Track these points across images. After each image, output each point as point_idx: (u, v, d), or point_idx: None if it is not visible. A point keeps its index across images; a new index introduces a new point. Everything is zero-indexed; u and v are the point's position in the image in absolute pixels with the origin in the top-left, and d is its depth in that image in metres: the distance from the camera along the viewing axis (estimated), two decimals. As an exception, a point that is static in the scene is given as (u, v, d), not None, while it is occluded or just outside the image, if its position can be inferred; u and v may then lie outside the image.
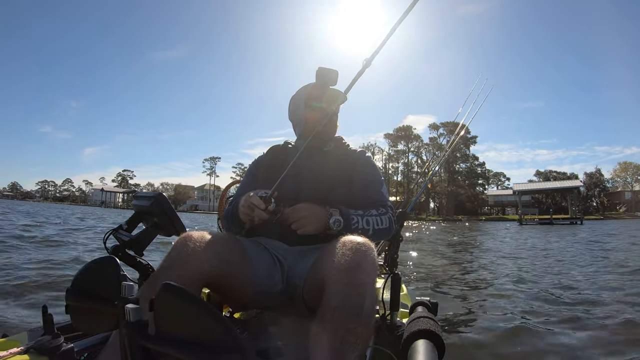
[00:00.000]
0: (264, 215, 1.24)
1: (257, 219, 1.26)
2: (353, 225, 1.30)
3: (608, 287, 4.13)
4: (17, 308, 2.73)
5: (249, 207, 1.27)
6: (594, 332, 2.57)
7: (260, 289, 1.25)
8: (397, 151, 66.39)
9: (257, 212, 1.24)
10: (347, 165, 1.51)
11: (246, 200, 1.28)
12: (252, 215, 1.26)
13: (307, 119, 1.53)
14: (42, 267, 4.28)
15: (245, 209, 1.28)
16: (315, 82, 1.43)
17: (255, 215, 1.25)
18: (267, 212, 1.24)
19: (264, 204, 1.23)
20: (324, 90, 1.50)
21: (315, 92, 1.52)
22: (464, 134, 2.88)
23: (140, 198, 1.39)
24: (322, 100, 1.51)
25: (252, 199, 1.25)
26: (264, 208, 1.23)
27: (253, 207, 1.24)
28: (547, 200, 59.96)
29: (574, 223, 34.31)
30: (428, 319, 1.06)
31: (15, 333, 1.14)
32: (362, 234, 1.23)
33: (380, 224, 1.37)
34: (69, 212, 23.19)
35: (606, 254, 7.63)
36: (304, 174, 1.45)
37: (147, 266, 1.34)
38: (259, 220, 1.27)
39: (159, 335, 0.73)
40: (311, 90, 1.54)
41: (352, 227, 1.29)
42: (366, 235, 1.27)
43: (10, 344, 1.01)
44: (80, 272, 1.05)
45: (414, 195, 2.43)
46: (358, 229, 1.30)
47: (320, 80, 1.42)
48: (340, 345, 0.93)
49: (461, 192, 60.42)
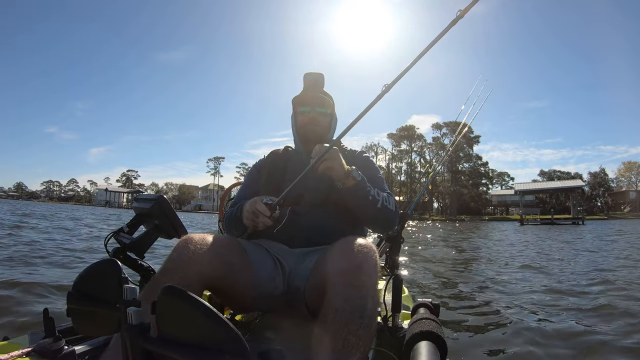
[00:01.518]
0: (269, 222, 1.26)
1: (261, 225, 1.28)
2: (368, 187, 1.33)
3: (605, 292, 4.10)
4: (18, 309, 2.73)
5: (253, 214, 1.28)
6: (594, 332, 2.55)
7: (262, 291, 1.25)
8: (400, 151, 66.36)
9: (261, 218, 1.25)
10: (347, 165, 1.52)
11: (251, 206, 1.29)
12: (256, 222, 1.28)
13: (298, 124, 1.58)
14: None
15: (249, 215, 1.30)
16: (303, 88, 1.51)
17: (260, 222, 1.27)
18: (271, 219, 1.25)
19: (269, 211, 1.25)
20: (310, 94, 1.54)
21: (302, 97, 1.56)
22: (467, 134, 2.89)
23: (141, 200, 1.39)
24: (308, 105, 1.54)
25: (258, 206, 1.26)
26: (269, 215, 1.25)
27: (258, 213, 1.26)
28: (551, 200, 59.69)
29: (576, 223, 34.17)
30: (430, 321, 1.06)
31: (16, 336, 1.14)
32: (372, 202, 1.30)
33: (388, 203, 1.39)
34: (81, 214, 22.72)
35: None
36: (306, 177, 1.45)
37: (148, 269, 1.34)
38: (262, 227, 1.28)
39: (161, 338, 0.72)
40: (299, 95, 1.57)
41: (367, 189, 1.32)
42: (374, 204, 1.33)
43: (12, 346, 1.02)
44: (81, 274, 1.05)
45: (417, 195, 2.42)
46: (371, 193, 1.33)
47: (306, 85, 1.52)
48: (342, 347, 0.93)
49: (464, 192, 60.28)
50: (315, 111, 1.53)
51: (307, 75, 1.54)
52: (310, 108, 1.54)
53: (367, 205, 1.34)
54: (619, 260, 6.63)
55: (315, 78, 1.53)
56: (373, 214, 1.36)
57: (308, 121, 1.53)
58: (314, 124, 1.52)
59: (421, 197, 2.40)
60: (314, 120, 1.52)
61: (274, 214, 1.25)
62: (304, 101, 1.55)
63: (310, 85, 1.54)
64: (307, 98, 1.54)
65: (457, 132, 2.82)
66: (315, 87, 1.54)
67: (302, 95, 1.55)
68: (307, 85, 1.54)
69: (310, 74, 1.54)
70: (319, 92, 1.54)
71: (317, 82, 1.53)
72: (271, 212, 1.25)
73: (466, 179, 62.06)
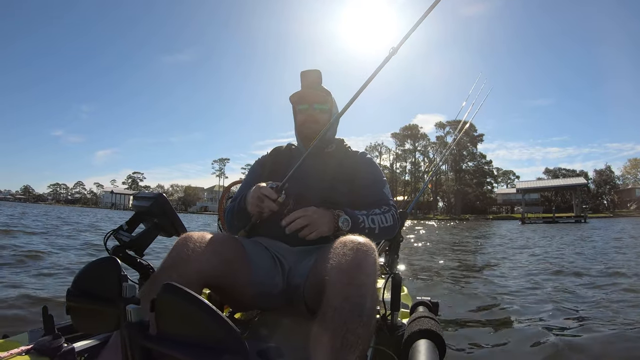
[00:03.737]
0: (274, 206, 1.25)
1: (267, 210, 1.27)
2: (360, 225, 1.30)
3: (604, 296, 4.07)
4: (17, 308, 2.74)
5: (258, 198, 1.28)
6: (594, 332, 2.53)
7: (261, 290, 1.25)
8: (404, 150, 66.20)
9: (267, 202, 1.25)
10: (348, 165, 1.54)
11: (256, 191, 1.29)
12: (262, 207, 1.27)
13: (297, 122, 1.59)
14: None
15: (254, 200, 1.29)
16: (301, 85, 1.53)
17: (265, 206, 1.26)
18: (277, 203, 1.25)
19: (275, 194, 1.24)
20: (307, 92, 1.54)
21: (299, 94, 1.56)
22: (469, 133, 2.90)
23: (140, 199, 1.39)
24: (307, 102, 1.54)
25: (263, 190, 1.26)
26: (275, 199, 1.24)
27: (263, 197, 1.26)
28: (556, 199, 59.33)
29: (579, 221, 33.93)
30: (429, 319, 1.06)
31: (15, 334, 1.15)
32: (369, 233, 1.24)
33: (385, 222, 1.37)
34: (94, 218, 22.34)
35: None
36: (305, 176, 1.46)
37: (148, 267, 1.34)
38: (268, 212, 1.27)
39: (160, 336, 0.72)
40: (296, 93, 1.57)
41: (360, 227, 1.29)
42: (373, 233, 1.29)
43: (11, 344, 1.02)
44: (80, 272, 1.05)
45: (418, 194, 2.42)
46: (365, 228, 1.30)
47: (303, 83, 1.53)
48: (341, 346, 0.92)
49: (469, 191, 60.03)
50: (313, 108, 1.53)
51: (304, 72, 1.55)
52: (308, 105, 1.54)
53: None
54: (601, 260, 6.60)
55: (312, 75, 1.54)
56: (374, 240, 1.34)
57: (307, 119, 1.54)
58: (312, 121, 1.53)
59: (423, 195, 2.40)
60: (312, 117, 1.53)
61: (280, 197, 1.25)
62: (302, 99, 1.55)
63: (307, 82, 1.54)
64: (305, 95, 1.54)
65: (457, 130, 2.82)
66: (312, 84, 1.54)
67: (300, 93, 1.55)
68: (305, 83, 1.55)
69: (307, 72, 1.55)
70: (316, 89, 1.55)
71: (314, 79, 1.54)
72: (277, 196, 1.24)
73: (470, 178, 61.77)
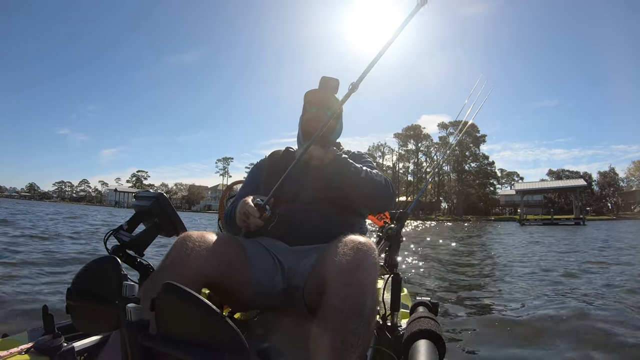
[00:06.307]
0: (259, 222, 1.28)
1: (252, 226, 1.29)
2: (350, 161, 1.40)
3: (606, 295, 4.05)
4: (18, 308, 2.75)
5: (244, 214, 1.30)
6: (595, 332, 2.52)
7: (260, 289, 1.25)
8: (407, 151, 66.10)
9: (252, 219, 1.27)
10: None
11: (242, 207, 1.32)
12: (248, 222, 1.29)
13: (304, 118, 1.62)
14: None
15: (241, 216, 1.32)
16: (318, 86, 1.56)
17: (251, 223, 1.28)
18: (262, 219, 1.27)
19: (258, 212, 1.26)
20: (322, 95, 1.58)
21: (313, 95, 1.60)
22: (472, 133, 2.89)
23: (140, 198, 1.39)
24: (318, 105, 1.58)
25: (247, 207, 1.29)
26: (259, 216, 1.27)
27: (248, 214, 1.28)
28: (559, 200, 59.07)
29: (579, 223, 33.79)
30: (429, 319, 1.05)
31: (15, 333, 1.15)
32: (354, 173, 1.37)
33: (374, 175, 1.43)
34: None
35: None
36: (303, 175, 1.47)
37: (148, 266, 1.33)
38: (254, 227, 1.30)
39: (160, 335, 0.72)
40: (311, 92, 1.60)
41: (349, 161, 1.40)
42: (358, 175, 1.38)
43: (11, 343, 1.02)
44: (80, 271, 1.05)
45: (422, 194, 2.42)
46: (353, 165, 1.40)
47: (321, 85, 1.56)
48: (341, 346, 0.92)
49: (471, 192, 59.85)
50: (323, 111, 1.57)
51: (324, 78, 1.58)
52: (318, 108, 1.58)
53: (351, 176, 1.38)
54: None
55: (330, 82, 1.57)
56: (360, 185, 1.39)
57: (314, 117, 1.56)
58: (318, 121, 1.53)
59: (425, 196, 2.40)
60: (319, 118, 1.54)
61: (265, 214, 1.27)
62: (315, 101, 1.59)
63: (324, 86, 1.58)
64: (318, 98, 1.58)
65: (458, 130, 2.82)
66: (328, 90, 1.58)
67: (314, 93, 1.59)
68: (322, 86, 1.58)
69: (327, 78, 1.58)
70: (330, 94, 1.58)
71: (332, 85, 1.57)
72: (261, 213, 1.26)
73: (473, 179, 61.61)
